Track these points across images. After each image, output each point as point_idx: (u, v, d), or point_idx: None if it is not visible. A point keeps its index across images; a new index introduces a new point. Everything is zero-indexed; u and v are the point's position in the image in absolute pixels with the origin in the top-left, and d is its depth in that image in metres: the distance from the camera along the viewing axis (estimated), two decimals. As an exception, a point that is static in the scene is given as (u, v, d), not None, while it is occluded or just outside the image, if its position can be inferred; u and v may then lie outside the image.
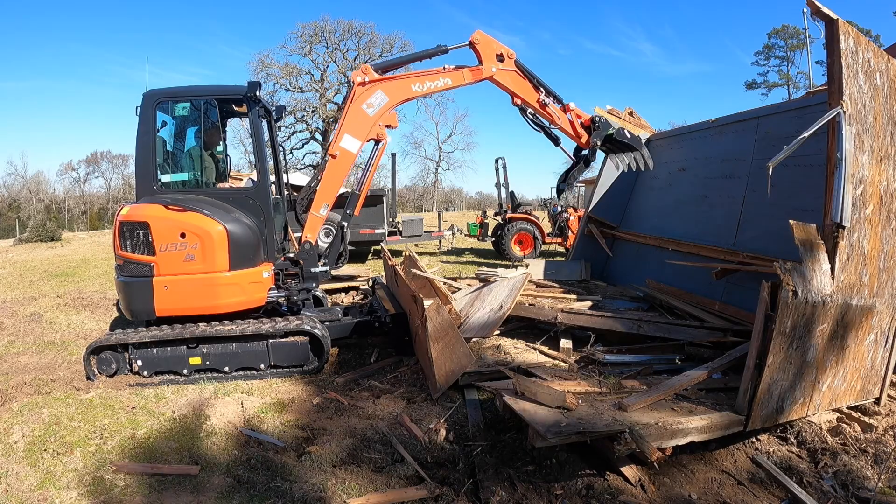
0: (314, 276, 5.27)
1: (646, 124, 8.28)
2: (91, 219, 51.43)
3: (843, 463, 3.15)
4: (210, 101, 5.02)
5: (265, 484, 3.04)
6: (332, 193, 5.20)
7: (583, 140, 5.67)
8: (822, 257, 3.35)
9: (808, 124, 3.57)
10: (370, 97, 5.09)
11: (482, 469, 3.18)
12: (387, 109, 5.18)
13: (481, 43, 5.25)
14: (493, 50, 5.30)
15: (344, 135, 5.10)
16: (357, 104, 5.09)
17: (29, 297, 8.60)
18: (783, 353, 3.19)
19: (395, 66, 5.35)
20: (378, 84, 5.11)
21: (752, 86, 50.58)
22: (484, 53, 5.28)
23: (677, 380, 3.63)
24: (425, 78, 5.22)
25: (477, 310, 5.80)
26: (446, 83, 5.29)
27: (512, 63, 5.36)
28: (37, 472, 3.15)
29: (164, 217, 4.63)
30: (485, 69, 5.28)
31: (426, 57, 5.30)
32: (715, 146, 6.47)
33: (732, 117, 6.30)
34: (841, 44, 3.42)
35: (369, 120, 5.12)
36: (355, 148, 5.13)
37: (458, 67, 5.28)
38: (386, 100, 5.13)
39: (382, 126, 5.22)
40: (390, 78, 5.19)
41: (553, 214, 14.42)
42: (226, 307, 4.79)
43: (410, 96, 5.25)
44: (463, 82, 5.31)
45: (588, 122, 5.60)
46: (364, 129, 5.12)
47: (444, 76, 5.26)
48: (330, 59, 36.18)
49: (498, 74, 5.33)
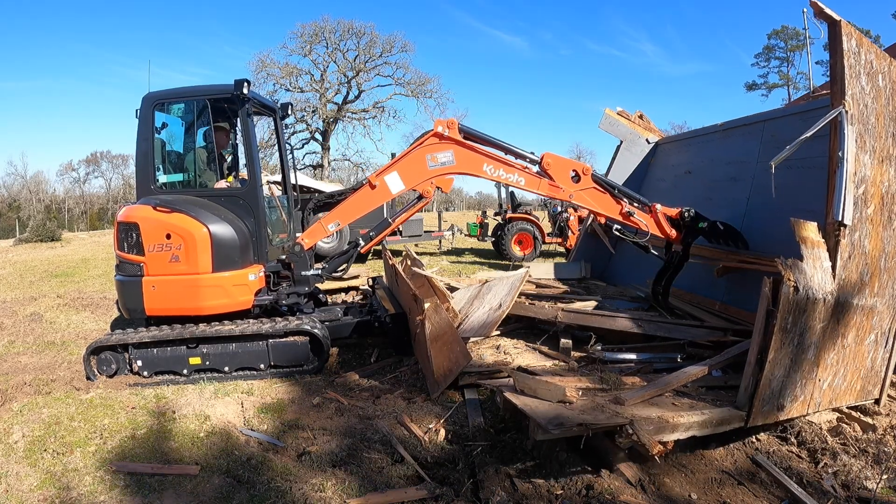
0: (305, 279, 5.12)
1: (655, 128, 8.30)
2: (91, 219, 51.42)
3: (844, 463, 3.15)
4: (203, 101, 5.00)
5: (265, 484, 3.04)
6: (349, 217, 5.00)
7: (673, 237, 5.20)
8: (823, 255, 3.36)
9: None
10: (439, 152, 4.84)
11: (482, 469, 3.18)
12: (447, 172, 4.92)
13: (552, 167, 4.92)
14: (567, 170, 4.98)
15: (393, 172, 4.89)
16: (422, 151, 4.86)
17: (29, 297, 8.60)
18: (784, 348, 3.20)
19: (479, 139, 4.97)
20: (454, 145, 4.84)
21: (753, 87, 50.62)
22: (557, 176, 4.93)
23: (675, 376, 3.64)
24: (502, 166, 4.91)
25: (476, 309, 5.81)
26: (518, 181, 4.95)
27: (589, 179, 4.98)
28: (37, 472, 3.15)
29: (151, 218, 4.67)
30: (563, 191, 4.95)
31: (514, 153, 4.97)
32: (721, 149, 6.51)
33: (739, 121, 6.34)
34: (844, 45, 3.43)
35: (425, 172, 4.87)
36: (397, 190, 4.90)
37: (539, 175, 4.94)
38: (453, 163, 4.87)
39: (434, 184, 4.94)
40: (469, 146, 4.88)
41: (553, 214, 14.42)
42: (209, 309, 4.75)
43: (477, 174, 4.95)
44: (535, 190, 5.00)
45: (676, 216, 5.13)
46: (415, 179, 4.90)
47: (522, 175, 4.92)
48: (330, 59, 36.13)
49: (577, 197, 4.98)
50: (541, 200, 19.05)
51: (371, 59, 35.95)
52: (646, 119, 8.30)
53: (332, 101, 36.71)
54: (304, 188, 11.00)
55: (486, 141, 4.98)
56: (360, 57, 35.80)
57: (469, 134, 4.92)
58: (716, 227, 5.17)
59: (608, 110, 7.98)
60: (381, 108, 36.91)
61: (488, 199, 56.53)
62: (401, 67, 36.06)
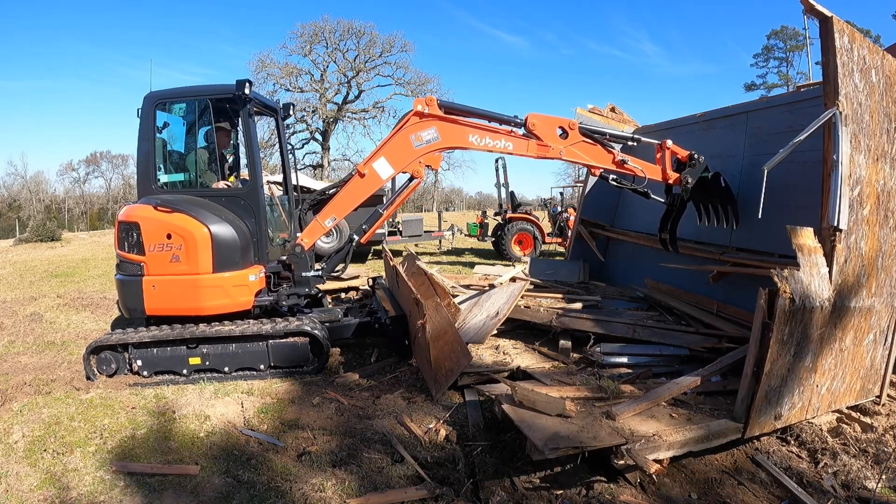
0: (306, 280, 5.10)
1: (629, 119, 8.20)
2: (91, 219, 51.40)
3: (844, 463, 3.15)
4: (204, 100, 5.00)
5: (265, 484, 3.04)
6: (344, 210, 4.93)
7: (672, 179, 5.08)
8: (819, 261, 3.32)
9: (799, 119, 3.50)
10: (423, 130, 4.74)
11: (482, 469, 3.18)
12: (434, 149, 4.80)
13: (538, 126, 4.81)
14: (553, 128, 4.87)
15: (380, 157, 4.80)
16: (406, 132, 4.75)
17: (29, 297, 8.60)
18: (781, 360, 3.17)
19: (461, 111, 4.89)
20: (436, 121, 4.75)
21: (752, 87, 50.58)
22: (544, 134, 4.83)
23: (667, 388, 3.60)
24: (487, 133, 4.80)
25: (474, 316, 5.80)
26: (506, 146, 4.84)
27: (577, 133, 4.88)
28: (37, 472, 3.15)
29: (152, 218, 4.67)
30: (552, 149, 4.84)
31: (497, 120, 4.86)
32: (704, 141, 6.32)
33: (721, 111, 6.13)
34: (836, 42, 3.37)
35: (412, 153, 4.78)
36: (386, 175, 4.83)
37: (525, 136, 4.83)
38: (438, 139, 4.76)
39: (423, 164, 4.85)
40: (451, 119, 4.79)
41: (553, 214, 14.43)
42: (209, 310, 4.74)
43: (463, 146, 4.85)
44: (524, 153, 4.85)
45: (685, 158, 5.00)
46: (403, 160, 4.80)
47: (508, 139, 4.82)
48: (330, 59, 36.15)
49: (567, 153, 4.89)
50: (541, 200, 19.08)
51: (371, 59, 35.98)
52: (618, 111, 8.18)
53: (332, 101, 36.73)
54: (303, 188, 11.00)
55: (468, 112, 4.91)
56: (359, 57, 35.84)
57: (450, 108, 4.83)
58: (718, 179, 5.04)
59: (580, 109, 7.77)
60: (381, 108, 36.96)
61: (488, 199, 56.56)
62: (401, 67, 36.12)
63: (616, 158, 4.97)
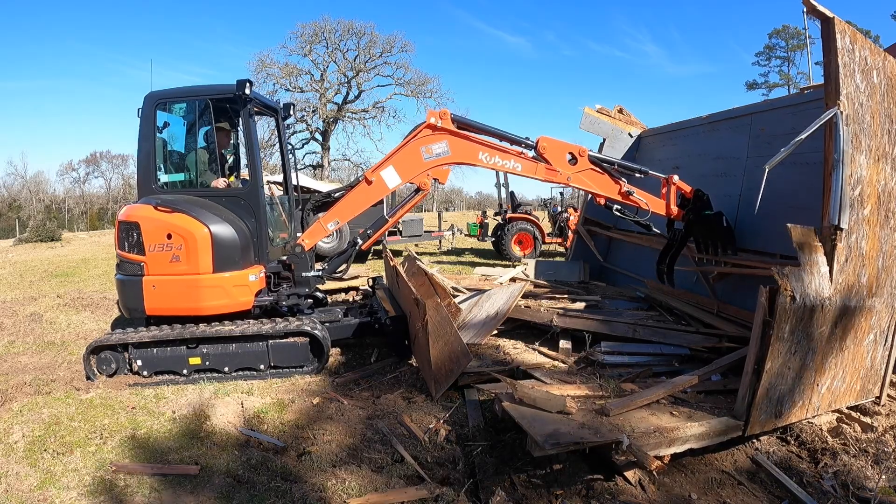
0: (306, 281, 5.11)
1: (636, 120, 8.21)
2: (91, 219, 51.37)
3: (844, 463, 3.15)
4: (204, 100, 5.00)
5: (265, 484, 3.04)
6: (348, 215, 4.95)
7: (675, 214, 5.13)
8: (820, 260, 3.33)
9: (803, 121, 3.52)
10: (434, 143, 4.76)
11: (482, 469, 3.18)
12: (443, 163, 4.83)
13: (548, 150, 4.85)
14: (563, 153, 4.90)
15: (389, 166, 4.81)
16: (417, 143, 4.77)
17: (29, 297, 8.60)
18: (781, 358, 3.17)
19: (473, 128, 4.91)
20: (448, 135, 4.77)
21: (753, 86, 50.59)
22: (554, 159, 4.87)
23: (662, 386, 3.61)
24: (497, 153, 4.84)
25: (474, 316, 5.80)
26: (515, 167, 4.88)
27: (586, 161, 4.91)
28: (37, 472, 3.15)
29: (152, 218, 4.68)
30: (560, 174, 4.90)
31: (508, 140, 4.90)
32: (709, 143, 6.38)
33: (725, 114, 6.18)
34: (837, 42, 3.37)
35: (421, 165, 4.79)
36: (393, 184, 4.84)
37: (534, 159, 4.87)
38: (448, 153, 4.79)
39: (431, 177, 4.86)
40: (463, 135, 4.81)
41: (553, 214, 14.42)
42: (209, 310, 4.75)
43: (472, 162, 4.88)
44: (532, 175, 4.89)
45: (690, 194, 5.07)
46: (411, 172, 4.81)
47: (517, 160, 4.86)
48: (330, 59, 36.09)
49: (575, 180, 4.93)
50: (541, 200, 19.08)
51: (371, 59, 35.91)
52: (626, 112, 8.18)
53: (332, 101, 36.68)
54: (304, 188, 11.01)
55: (480, 129, 4.93)
56: (360, 57, 35.78)
57: (462, 123, 4.87)
58: (721, 219, 5.07)
59: (587, 109, 7.76)
60: (381, 108, 36.89)
61: (488, 200, 56.53)
62: (401, 67, 36.05)
63: (622, 189, 4.99)
